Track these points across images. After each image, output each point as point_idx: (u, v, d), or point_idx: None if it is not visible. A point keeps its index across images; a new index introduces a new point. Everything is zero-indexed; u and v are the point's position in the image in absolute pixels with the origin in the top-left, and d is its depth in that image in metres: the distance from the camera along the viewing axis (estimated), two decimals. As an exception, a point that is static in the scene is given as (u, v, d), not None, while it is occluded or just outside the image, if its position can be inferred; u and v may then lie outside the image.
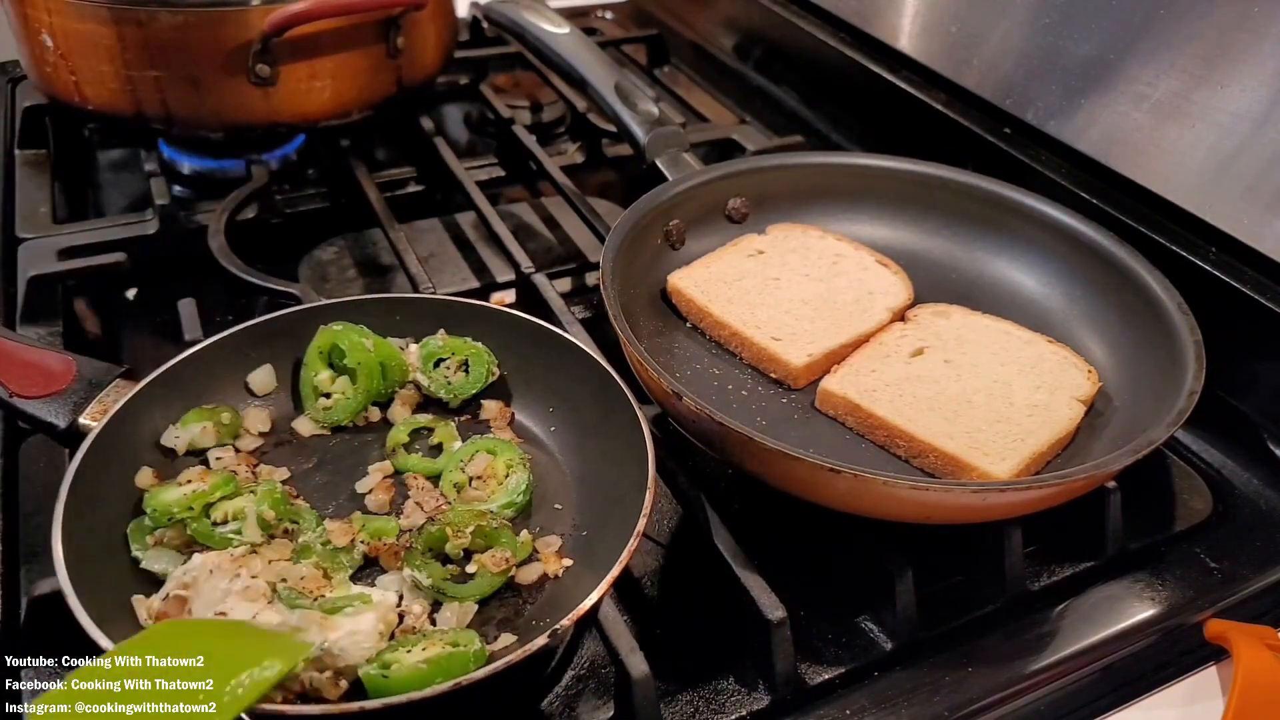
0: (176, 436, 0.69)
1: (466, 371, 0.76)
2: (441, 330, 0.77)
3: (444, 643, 0.56)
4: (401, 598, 0.62)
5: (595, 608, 0.57)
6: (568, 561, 0.64)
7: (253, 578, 0.60)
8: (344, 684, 0.56)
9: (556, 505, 0.69)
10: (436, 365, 0.76)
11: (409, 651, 0.56)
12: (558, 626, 0.54)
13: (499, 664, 0.53)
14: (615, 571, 0.57)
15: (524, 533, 0.66)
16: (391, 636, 0.59)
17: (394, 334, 0.77)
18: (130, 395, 0.67)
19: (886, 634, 0.66)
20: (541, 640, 0.54)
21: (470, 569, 0.63)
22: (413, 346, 0.77)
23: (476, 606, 0.62)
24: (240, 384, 0.75)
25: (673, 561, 0.72)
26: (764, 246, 0.89)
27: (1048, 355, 0.78)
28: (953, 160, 0.93)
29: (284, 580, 0.60)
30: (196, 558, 0.61)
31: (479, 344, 0.76)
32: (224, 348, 0.73)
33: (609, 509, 0.65)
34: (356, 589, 0.61)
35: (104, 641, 0.52)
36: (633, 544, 0.58)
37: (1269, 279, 0.81)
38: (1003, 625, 0.67)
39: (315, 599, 0.59)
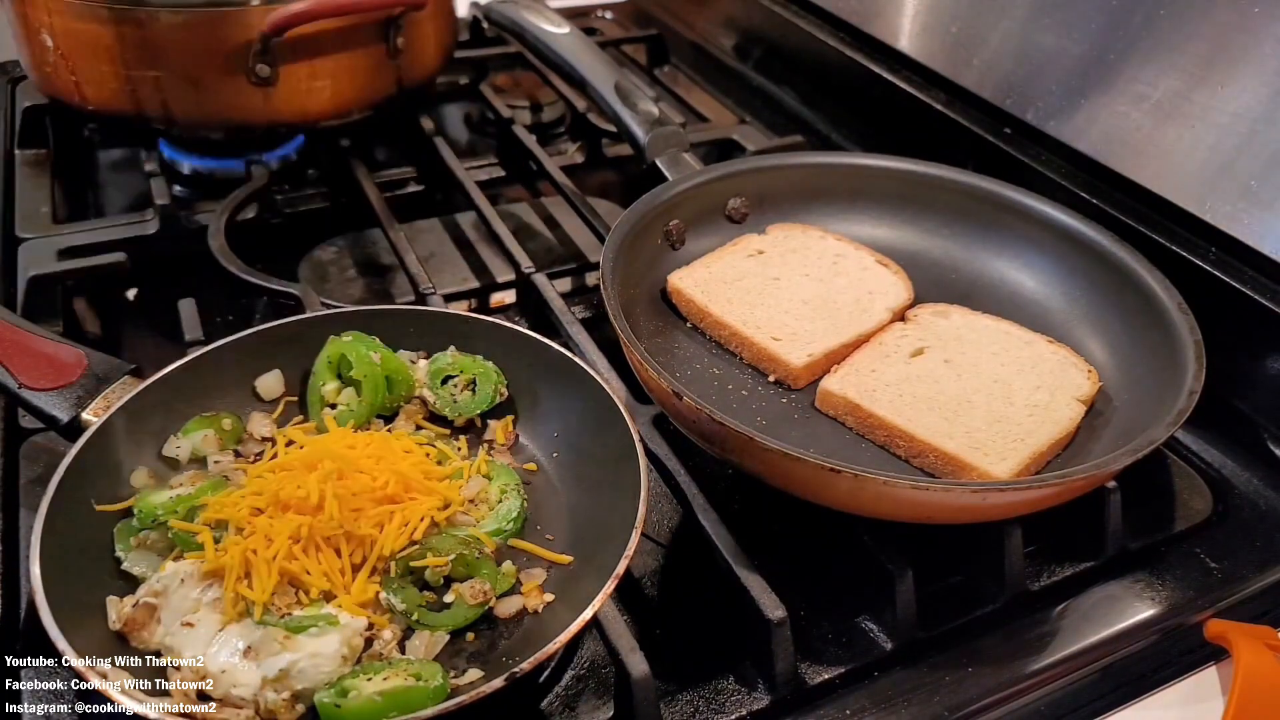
0: (178, 447, 0.69)
1: (474, 390, 0.75)
2: (452, 347, 0.76)
3: (406, 674, 0.55)
4: (372, 623, 0.60)
5: (558, 652, 0.55)
6: (549, 596, 0.63)
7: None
8: (300, 708, 0.55)
9: (548, 535, 0.67)
10: (444, 382, 0.75)
11: (369, 680, 0.55)
12: (516, 670, 0.53)
13: (450, 704, 0.51)
14: (587, 615, 0.55)
15: (507, 563, 0.64)
16: (359, 660, 0.58)
17: (406, 346, 0.77)
18: (134, 393, 0.67)
19: (886, 634, 0.66)
20: (498, 683, 0.52)
21: (448, 598, 0.62)
22: (422, 362, 0.77)
23: (448, 637, 0.60)
24: (248, 388, 0.74)
25: (673, 561, 0.72)
26: (764, 246, 0.89)
27: (1048, 355, 0.78)
28: (953, 160, 0.93)
29: None
30: (170, 566, 0.60)
31: (489, 363, 0.75)
32: (233, 351, 0.73)
33: (598, 545, 0.63)
34: (328, 608, 0.59)
35: (61, 643, 0.52)
36: (609, 587, 0.56)
37: (1269, 279, 0.81)
38: (1003, 625, 0.67)
39: (283, 615, 0.58)
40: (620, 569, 0.58)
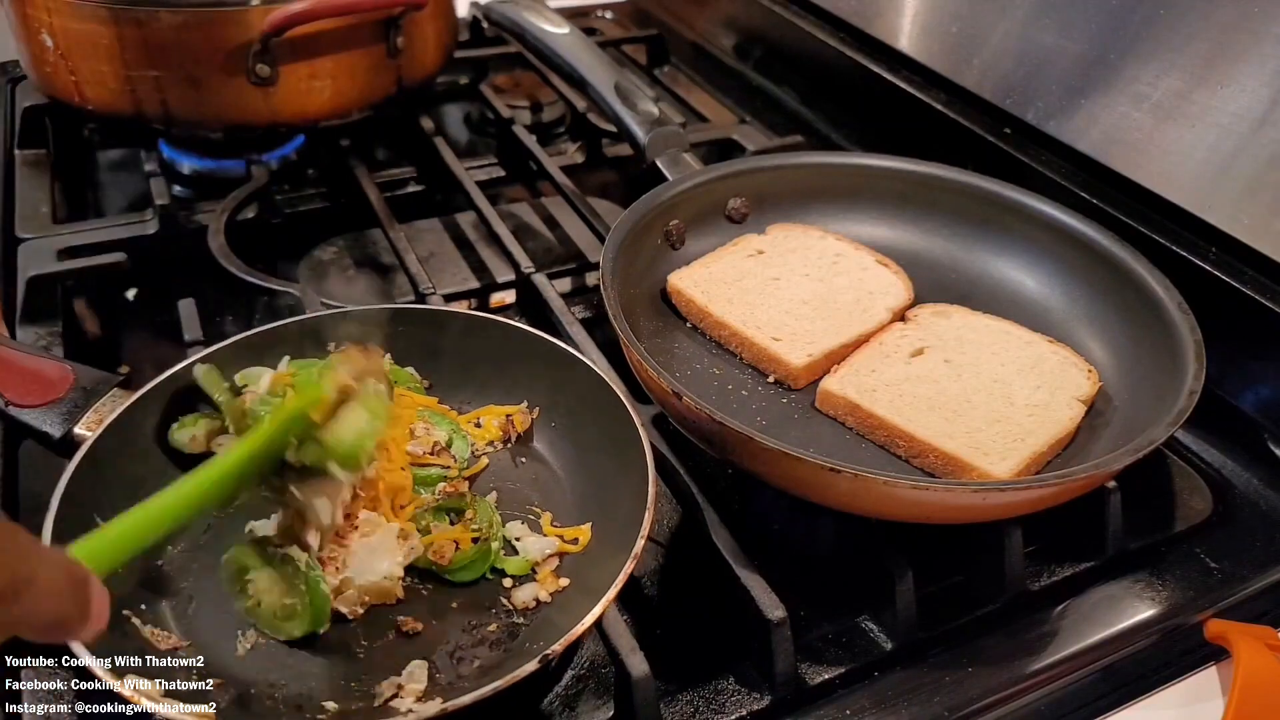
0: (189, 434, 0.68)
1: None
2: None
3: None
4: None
5: (588, 632, 0.56)
6: (564, 581, 0.64)
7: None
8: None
9: (547, 516, 0.68)
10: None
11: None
12: (549, 652, 0.53)
13: (486, 690, 0.51)
14: (611, 594, 0.56)
15: (524, 549, 0.65)
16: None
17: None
18: (126, 405, 0.66)
19: (886, 634, 0.66)
20: (532, 666, 0.53)
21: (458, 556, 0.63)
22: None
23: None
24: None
25: (673, 561, 0.72)
26: (764, 246, 0.89)
27: (1048, 355, 0.78)
28: (953, 160, 0.93)
29: None
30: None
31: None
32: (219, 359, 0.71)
33: (606, 525, 0.64)
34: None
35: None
36: (629, 566, 0.57)
37: (1269, 279, 0.81)
38: (1003, 625, 0.67)
39: None
40: (638, 548, 0.58)
